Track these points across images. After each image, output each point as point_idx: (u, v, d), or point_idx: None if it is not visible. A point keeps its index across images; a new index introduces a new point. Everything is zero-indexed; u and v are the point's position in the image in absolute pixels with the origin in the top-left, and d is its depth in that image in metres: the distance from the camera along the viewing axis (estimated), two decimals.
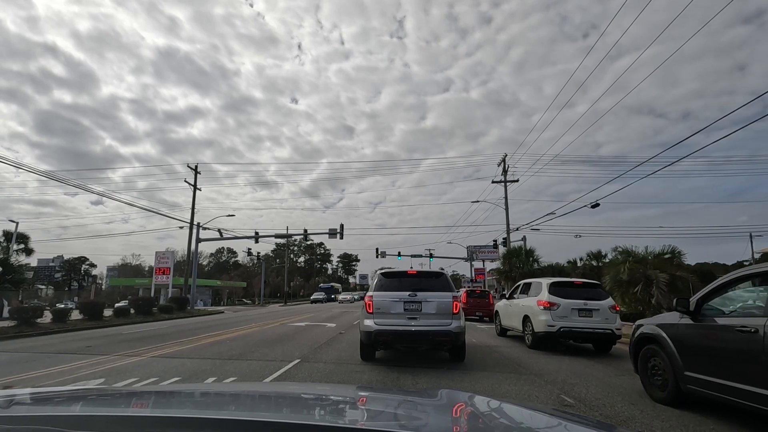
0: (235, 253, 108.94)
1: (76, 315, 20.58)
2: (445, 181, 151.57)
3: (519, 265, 28.48)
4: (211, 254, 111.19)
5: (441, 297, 7.65)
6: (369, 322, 7.56)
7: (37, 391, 1.75)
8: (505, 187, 35.91)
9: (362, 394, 2.06)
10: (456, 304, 7.63)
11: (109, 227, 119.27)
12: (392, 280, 8.13)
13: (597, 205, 17.60)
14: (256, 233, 33.91)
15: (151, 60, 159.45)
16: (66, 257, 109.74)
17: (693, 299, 4.82)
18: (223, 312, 32.67)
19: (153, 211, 35.00)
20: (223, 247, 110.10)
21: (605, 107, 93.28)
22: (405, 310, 7.57)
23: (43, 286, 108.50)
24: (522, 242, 34.16)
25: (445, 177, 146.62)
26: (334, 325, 16.41)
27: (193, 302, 31.45)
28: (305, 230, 33.72)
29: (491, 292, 28.98)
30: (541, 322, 9.55)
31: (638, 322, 5.88)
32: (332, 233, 33.19)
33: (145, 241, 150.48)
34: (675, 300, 4.97)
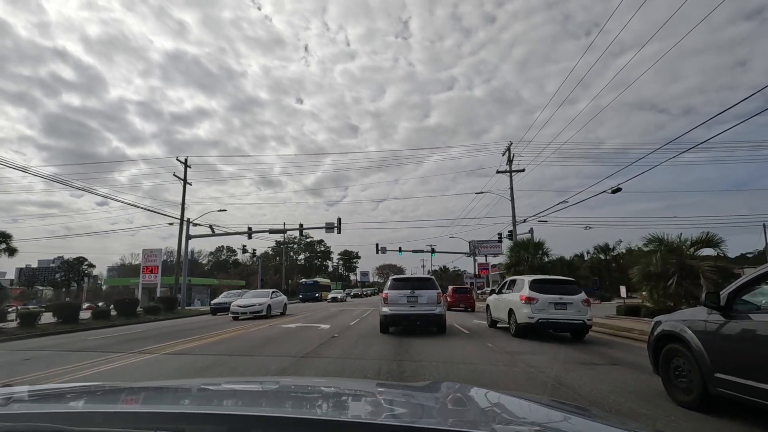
0: (234, 251, 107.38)
1: (49, 318, 18.87)
2: (448, 177, 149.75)
3: (527, 259, 26.74)
4: (211, 252, 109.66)
5: (430, 293, 11.74)
6: (385, 309, 11.63)
7: (35, 389, 1.74)
8: (510, 177, 34.16)
9: (363, 387, 2.14)
10: (439, 297, 11.83)
11: (112, 228, 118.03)
12: (399, 282, 12.48)
13: (618, 189, 15.90)
14: (249, 229, 32.22)
15: (159, 63, 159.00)
16: (67, 258, 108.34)
17: (723, 293, 4.43)
18: None
19: (143, 208, 33.12)
20: (222, 246, 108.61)
21: (608, 103, 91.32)
22: (407, 301, 11.60)
23: (42, 287, 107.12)
24: (529, 234, 32.47)
25: (449, 174, 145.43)
26: (327, 326, 14.73)
27: (184, 302, 29.82)
28: (301, 225, 32.04)
29: (472, 288, 33.99)
30: (523, 314, 10.75)
31: (657, 318, 5.46)
32: (329, 228, 31.51)
33: (149, 241, 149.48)
34: (704, 294, 4.67)
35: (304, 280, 58.54)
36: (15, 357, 9.65)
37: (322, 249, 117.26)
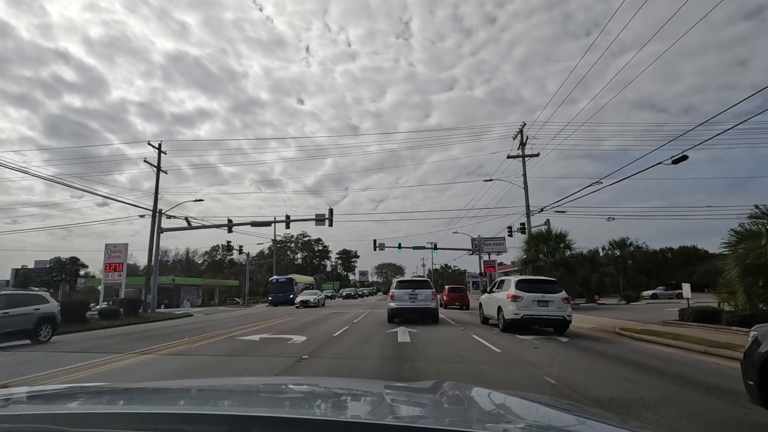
0: (231, 250, 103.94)
1: None
2: (447, 177, 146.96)
3: (547, 252, 23.01)
4: (206, 252, 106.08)
5: (426, 291, 15.09)
6: (392, 304, 14.93)
7: (34, 390, 1.71)
8: (524, 161, 30.40)
9: (364, 387, 2.10)
10: (433, 295, 15.24)
11: (113, 228, 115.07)
12: (402, 283, 16.01)
13: (684, 158, 12.18)
14: (230, 221, 28.43)
15: (161, 64, 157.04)
16: (61, 258, 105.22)
17: None
18: (191, 315, 27.25)
19: (110, 198, 27.97)
20: (218, 245, 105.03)
21: (608, 103, 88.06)
22: (409, 297, 14.84)
23: (36, 288, 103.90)
24: (546, 226, 28.77)
25: (449, 174, 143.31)
26: (302, 339, 10.94)
27: (154, 304, 26.08)
28: (287, 216, 28.28)
29: (466, 288, 33.67)
30: (510, 311, 11.62)
31: (757, 329, 4.11)
32: (320, 219, 27.77)
33: (147, 242, 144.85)
34: None
35: (274, 277, 42.04)
36: None
37: (320, 248, 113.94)
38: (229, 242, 38.10)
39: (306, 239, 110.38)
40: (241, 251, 41.59)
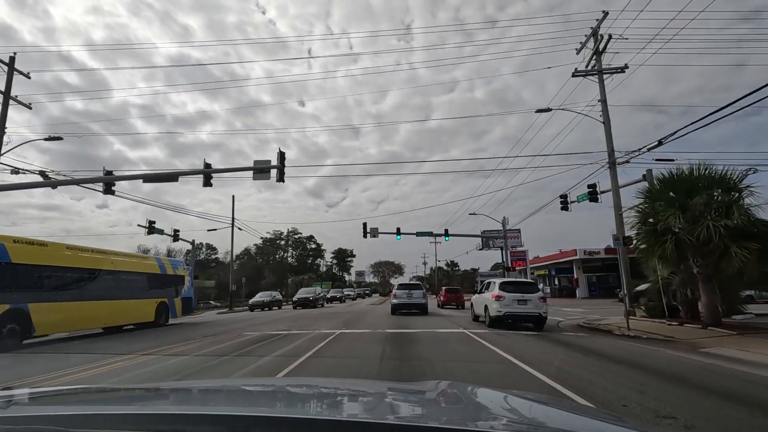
0: (215, 249, 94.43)
1: None
2: (447, 178, 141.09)
3: (714, 211, 10.90)
4: (188, 251, 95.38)
5: (418, 291, 21.59)
6: (394, 300, 20.99)
7: (36, 391, 1.71)
8: (601, 78, 19.41)
9: (363, 387, 2.10)
10: (424, 294, 21.83)
11: (113, 230, 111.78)
12: (402, 286, 22.44)
13: None
14: (109, 173, 16.52)
15: (163, 66, 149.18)
16: None
17: None
18: None
19: None
20: (201, 243, 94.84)
21: (609, 102, 77.79)
22: (406, 296, 20.86)
23: None
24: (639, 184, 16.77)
25: (449, 175, 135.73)
26: None
27: None
28: (207, 164, 16.28)
29: (461, 288, 33.02)
30: (494, 308, 13.42)
31: None
32: (261, 169, 15.93)
33: (153, 243, 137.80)
34: None
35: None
36: None
37: (314, 247, 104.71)
38: (151, 223, 26.02)
39: (297, 237, 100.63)
40: (177, 237, 29.70)
